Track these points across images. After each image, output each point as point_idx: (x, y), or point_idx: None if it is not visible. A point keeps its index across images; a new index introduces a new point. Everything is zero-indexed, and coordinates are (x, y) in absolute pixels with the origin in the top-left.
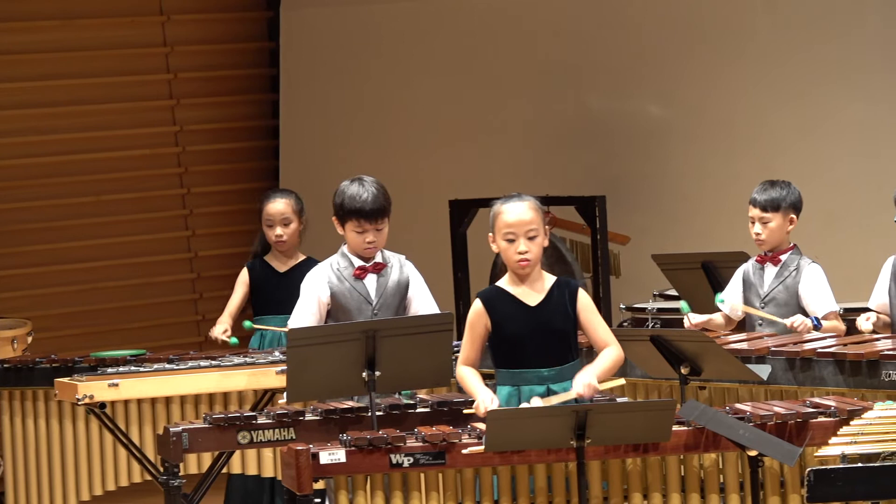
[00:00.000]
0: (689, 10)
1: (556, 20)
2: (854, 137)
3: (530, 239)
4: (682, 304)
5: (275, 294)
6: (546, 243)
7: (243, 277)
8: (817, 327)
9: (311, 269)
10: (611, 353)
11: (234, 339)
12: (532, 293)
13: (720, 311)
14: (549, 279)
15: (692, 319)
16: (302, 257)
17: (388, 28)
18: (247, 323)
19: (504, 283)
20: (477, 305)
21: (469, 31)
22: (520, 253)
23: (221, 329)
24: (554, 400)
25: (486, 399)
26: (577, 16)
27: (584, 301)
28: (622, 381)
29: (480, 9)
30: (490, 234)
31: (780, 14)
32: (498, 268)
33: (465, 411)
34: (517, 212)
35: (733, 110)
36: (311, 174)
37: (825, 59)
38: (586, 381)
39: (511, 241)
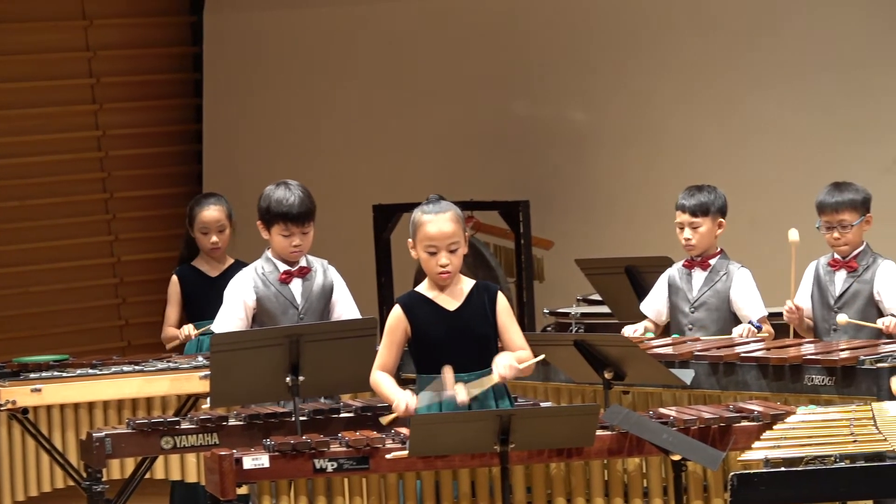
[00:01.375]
0: (616, 16)
1: (483, 26)
2: (778, 143)
3: (451, 252)
4: (648, 333)
5: (209, 299)
6: (466, 250)
7: (175, 287)
8: (759, 330)
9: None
10: (526, 354)
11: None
12: (451, 298)
13: (646, 316)
14: (468, 283)
15: (626, 332)
16: (231, 261)
17: (312, 33)
18: None
19: (423, 288)
20: (396, 311)
21: (393, 36)
22: (441, 266)
23: (190, 327)
24: (474, 388)
25: (404, 397)
26: (503, 22)
27: (503, 304)
28: (542, 356)
29: (405, 14)
30: (410, 241)
31: (705, 21)
32: (422, 271)
33: (382, 419)
34: (438, 225)
35: (658, 116)
36: (234, 179)
37: (750, 66)
38: (507, 362)
39: (433, 253)
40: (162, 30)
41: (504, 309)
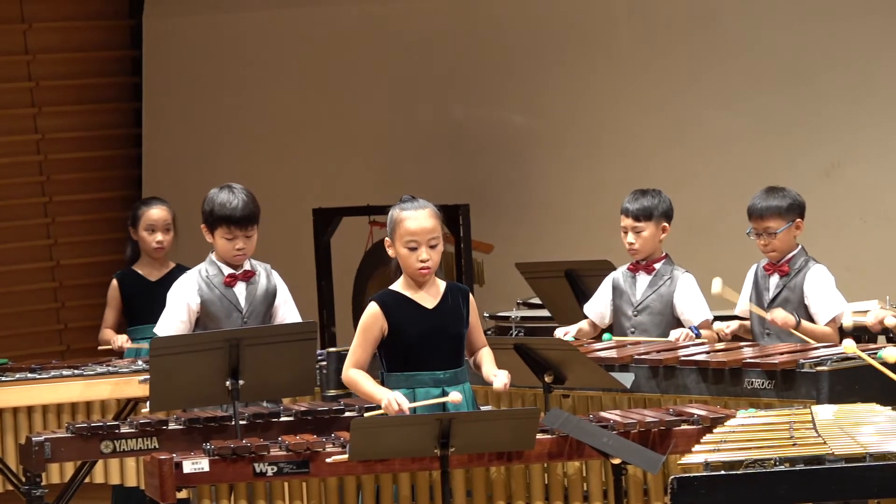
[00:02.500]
0: (553, 19)
1: (421, 30)
2: (717, 147)
3: (432, 247)
4: (606, 335)
5: (149, 304)
6: (444, 248)
7: (114, 291)
8: (697, 336)
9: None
10: (490, 352)
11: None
12: (428, 297)
13: (586, 318)
14: (442, 283)
15: (558, 333)
16: (172, 265)
17: (251, 37)
18: None
19: (399, 286)
20: (373, 308)
21: (332, 39)
22: (421, 261)
23: (124, 338)
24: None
25: (393, 396)
26: (441, 26)
27: (474, 304)
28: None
29: (344, 18)
30: (387, 239)
31: (643, 23)
32: (363, 274)
33: (368, 415)
34: (419, 220)
35: (598, 119)
36: (174, 183)
37: (689, 70)
38: (504, 379)
39: (413, 249)
40: (101, 33)
41: (475, 309)
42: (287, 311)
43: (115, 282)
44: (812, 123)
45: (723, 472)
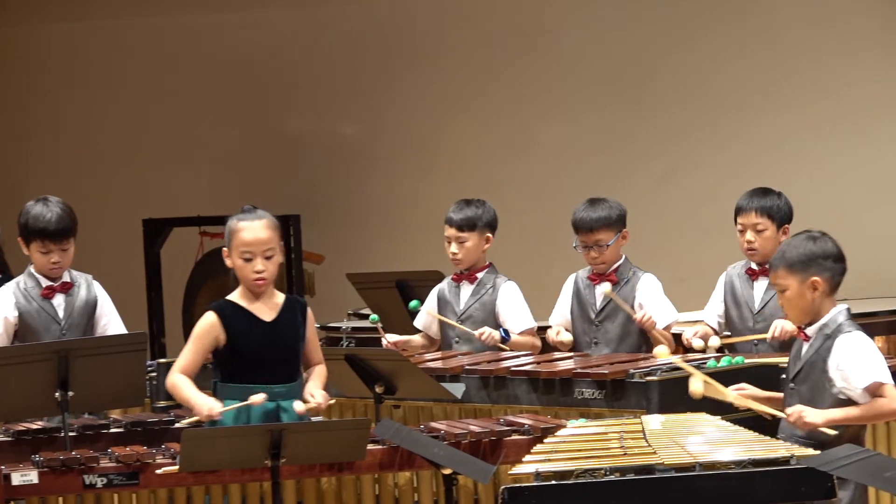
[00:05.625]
0: (388, 34)
1: (253, 42)
2: (551, 156)
3: (267, 258)
4: (372, 317)
5: None
6: (281, 258)
7: None
8: (505, 339)
9: None
10: (324, 370)
11: None
12: (266, 309)
13: (420, 330)
14: (280, 295)
15: (389, 339)
16: None
17: (88, 47)
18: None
19: (236, 297)
20: (210, 317)
21: (165, 51)
22: (256, 272)
23: None
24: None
25: (207, 402)
26: (272, 38)
27: (311, 318)
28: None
29: (177, 30)
30: (225, 249)
31: (476, 36)
32: (194, 286)
33: (181, 423)
34: (255, 231)
35: (430, 131)
36: (8, 193)
37: (522, 79)
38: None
39: (248, 260)
40: None
41: (312, 323)
42: (110, 322)
43: None
44: (647, 132)
45: (553, 482)
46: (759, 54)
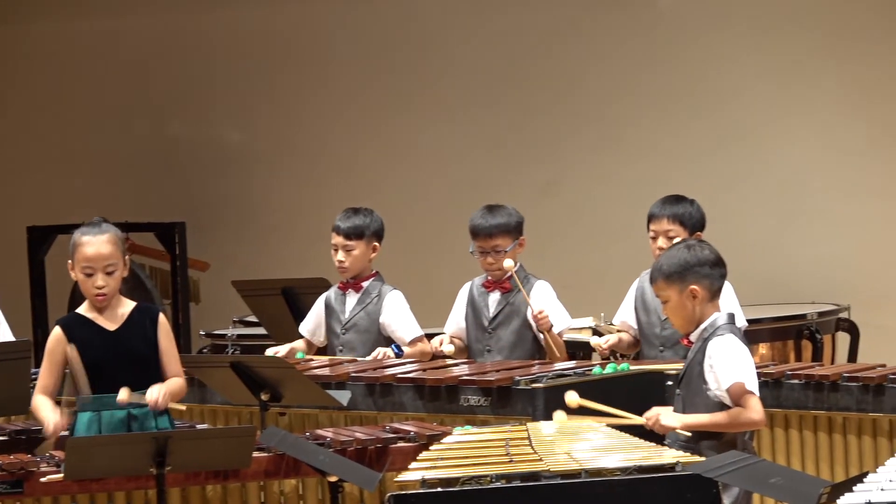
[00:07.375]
0: (270, 39)
1: (139, 49)
2: (436, 163)
3: (108, 274)
4: (299, 353)
5: None
6: (126, 273)
7: None
8: (399, 355)
9: None
10: (179, 382)
11: None
12: (111, 318)
13: (302, 337)
14: (129, 304)
15: (269, 352)
16: None
17: None
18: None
19: (83, 309)
20: (56, 332)
21: (50, 56)
22: (97, 288)
23: None
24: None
25: (52, 419)
26: (158, 43)
27: (165, 327)
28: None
29: (64, 36)
30: (69, 262)
31: (360, 41)
32: (78, 293)
33: (39, 448)
34: (96, 247)
35: (317, 138)
36: None
37: (405, 86)
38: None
39: (89, 275)
40: None
41: (164, 332)
42: None
43: None
44: (530, 140)
45: (440, 489)
46: (641, 61)
